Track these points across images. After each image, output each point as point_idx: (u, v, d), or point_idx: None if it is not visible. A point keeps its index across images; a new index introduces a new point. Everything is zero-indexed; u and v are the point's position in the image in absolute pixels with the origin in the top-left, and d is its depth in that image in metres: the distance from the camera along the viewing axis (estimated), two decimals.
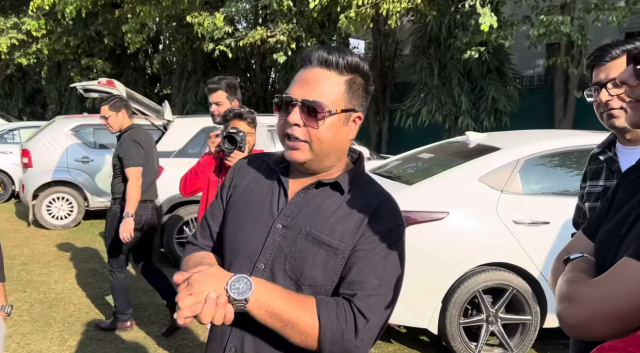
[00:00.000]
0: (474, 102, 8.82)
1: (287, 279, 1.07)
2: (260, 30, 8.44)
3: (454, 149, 4.17)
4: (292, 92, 1.08)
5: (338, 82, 1.07)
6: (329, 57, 1.06)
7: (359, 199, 1.10)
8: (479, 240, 3.32)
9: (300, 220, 1.10)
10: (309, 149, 1.07)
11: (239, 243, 1.14)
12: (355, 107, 1.10)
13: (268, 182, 1.18)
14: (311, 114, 1.05)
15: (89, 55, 12.67)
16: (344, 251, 1.06)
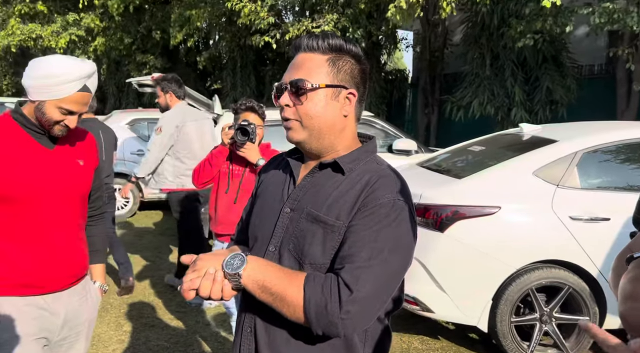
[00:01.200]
0: (528, 93, 8.46)
1: (291, 259, 1.12)
2: (306, 22, 8.43)
3: (507, 142, 4.02)
4: (283, 78, 1.16)
5: (320, 60, 1.13)
6: (309, 41, 1.13)
7: (359, 177, 1.13)
8: (533, 236, 3.19)
9: (304, 202, 1.15)
10: (300, 126, 1.13)
11: (256, 229, 1.23)
12: (344, 83, 1.13)
13: (283, 173, 1.26)
14: (297, 92, 1.11)
15: (144, 52, 13.13)
16: (340, 228, 1.08)
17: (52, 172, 1.69)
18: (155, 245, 6.04)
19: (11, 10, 13.30)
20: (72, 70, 1.62)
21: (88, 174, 1.80)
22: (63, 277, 1.72)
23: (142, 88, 5.97)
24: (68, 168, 1.73)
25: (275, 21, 8.52)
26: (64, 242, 1.72)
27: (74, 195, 1.74)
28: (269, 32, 8.61)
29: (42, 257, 1.67)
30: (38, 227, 1.66)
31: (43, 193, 1.65)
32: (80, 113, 1.68)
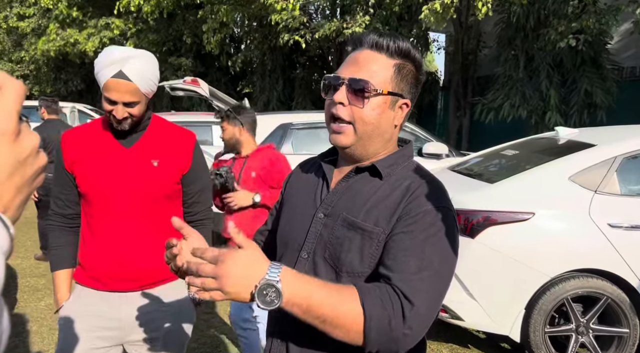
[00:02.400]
0: (564, 96, 8.20)
1: (327, 267, 1.07)
2: (336, 21, 8.42)
3: (541, 146, 3.90)
4: (340, 72, 1.08)
5: (387, 64, 1.06)
6: (379, 40, 1.05)
7: (398, 183, 1.07)
8: (568, 244, 3.08)
9: (339, 208, 1.09)
10: (352, 131, 1.06)
11: (287, 235, 1.17)
12: (404, 92, 1.08)
13: (315, 177, 1.20)
14: (357, 93, 1.04)
15: (178, 56, 13.39)
16: (379, 235, 1.02)
17: (122, 171, 1.69)
18: None
19: (51, 16, 13.80)
20: (102, 56, 1.62)
21: (162, 175, 1.73)
22: (125, 279, 1.71)
23: (175, 91, 6.07)
24: (139, 168, 1.70)
25: (305, 21, 8.53)
26: (132, 243, 1.70)
27: (143, 196, 1.70)
28: (298, 32, 8.62)
29: (107, 255, 1.70)
30: (106, 224, 1.70)
31: (111, 192, 1.68)
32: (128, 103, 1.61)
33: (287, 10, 8.07)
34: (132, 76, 1.61)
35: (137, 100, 1.63)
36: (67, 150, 1.73)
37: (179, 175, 1.79)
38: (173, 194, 1.80)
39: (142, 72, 1.63)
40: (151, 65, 1.68)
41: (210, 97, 5.90)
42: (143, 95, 1.66)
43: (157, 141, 1.76)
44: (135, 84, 1.61)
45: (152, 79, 1.68)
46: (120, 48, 1.66)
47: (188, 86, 5.75)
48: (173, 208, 1.81)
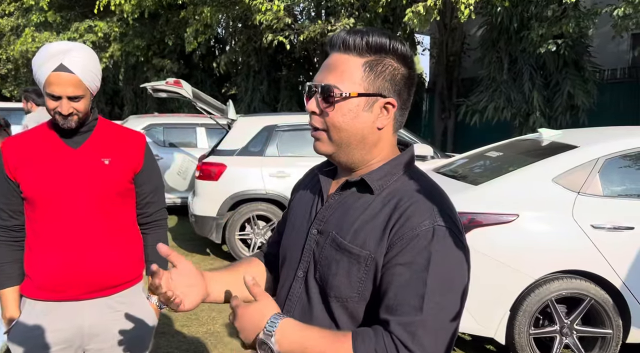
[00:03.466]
0: (548, 99, 8.29)
1: (317, 288, 1.02)
2: (321, 23, 8.39)
3: (525, 147, 3.91)
4: (315, 79, 1.01)
5: (356, 63, 0.97)
6: (346, 38, 0.97)
7: (388, 198, 0.98)
8: (552, 245, 3.08)
9: (330, 225, 1.03)
10: (327, 138, 1.00)
11: (285, 250, 1.13)
12: (382, 91, 0.97)
13: (314, 188, 1.14)
14: (326, 99, 0.97)
15: (162, 57, 13.24)
16: (367, 259, 0.95)
17: (71, 172, 1.64)
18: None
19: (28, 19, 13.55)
20: (40, 53, 1.58)
21: (115, 172, 1.69)
22: (80, 285, 1.64)
23: (157, 93, 5.99)
24: (89, 167, 1.66)
25: (290, 22, 8.49)
26: (85, 247, 1.65)
27: (96, 195, 1.65)
28: (283, 32, 8.59)
29: (61, 261, 1.63)
30: (56, 229, 1.63)
31: (60, 194, 1.62)
32: (72, 97, 1.58)
33: (271, 11, 8.03)
34: (74, 68, 1.57)
35: (81, 94, 1.60)
36: (9, 157, 1.66)
37: (132, 174, 1.76)
38: (126, 193, 1.75)
39: (83, 65, 1.59)
40: (92, 58, 1.64)
41: (194, 98, 5.83)
42: (87, 90, 1.62)
43: (107, 141, 1.73)
44: (77, 76, 1.57)
45: (95, 72, 1.64)
46: (58, 42, 1.62)
47: (170, 88, 5.68)
48: (126, 209, 1.77)
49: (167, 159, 7.63)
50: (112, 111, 16.95)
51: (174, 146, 7.79)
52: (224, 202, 5.38)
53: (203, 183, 5.47)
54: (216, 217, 5.41)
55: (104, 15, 11.76)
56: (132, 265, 1.77)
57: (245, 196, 5.39)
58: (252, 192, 5.38)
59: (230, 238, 5.46)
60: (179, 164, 7.64)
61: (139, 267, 1.82)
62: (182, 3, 10.45)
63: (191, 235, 6.34)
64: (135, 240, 1.81)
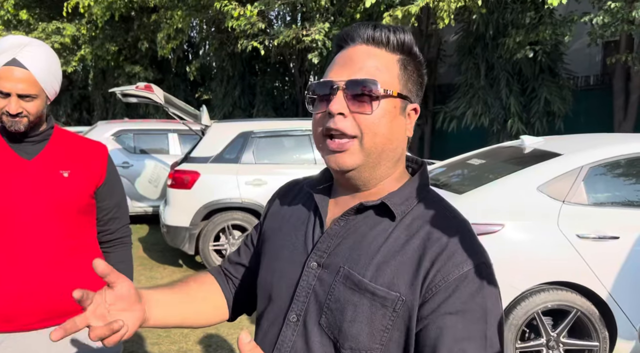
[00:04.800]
0: (525, 105, 8.35)
1: (322, 337, 0.82)
2: (295, 28, 8.28)
3: (508, 155, 3.84)
4: (332, 76, 0.82)
5: (390, 60, 0.82)
6: (376, 33, 0.82)
7: (415, 226, 0.82)
8: (538, 256, 2.99)
9: (338, 257, 0.83)
10: (359, 147, 0.80)
11: (270, 286, 0.91)
12: (411, 95, 0.85)
13: (305, 210, 0.94)
14: (361, 97, 0.79)
15: (133, 62, 12.92)
16: (395, 302, 0.77)
17: (25, 185, 1.46)
18: (140, 260, 5.78)
19: None
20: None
21: (75, 186, 1.54)
22: (37, 312, 1.46)
23: (126, 98, 5.75)
24: (46, 180, 1.49)
25: (264, 27, 8.35)
26: (41, 270, 1.46)
27: (54, 211, 1.49)
28: (257, 38, 8.44)
29: (9, 286, 1.44)
30: (7, 249, 1.44)
31: (10, 210, 1.44)
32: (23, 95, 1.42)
33: (244, 17, 7.87)
34: (28, 64, 1.42)
35: (34, 94, 1.44)
36: None
37: (93, 187, 1.59)
38: (87, 209, 1.58)
39: (40, 62, 1.44)
40: (51, 58, 1.49)
41: (165, 104, 5.61)
42: (42, 90, 1.46)
43: (65, 151, 1.57)
44: (31, 72, 1.42)
45: (53, 73, 1.48)
46: (15, 35, 1.46)
47: (141, 92, 5.45)
48: (87, 227, 1.60)
49: (137, 166, 7.37)
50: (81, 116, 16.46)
51: (145, 153, 7.53)
52: (198, 211, 5.17)
53: (175, 191, 5.24)
54: (189, 227, 5.19)
55: (72, 17, 11.40)
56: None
57: (220, 205, 5.19)
58: (227, 200, 5.19)
59: (204, 249, 5.25)
60: (150, 172, 7.38)
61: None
62: (154, 7, 10.20)
63: (163, 246, 6.10)
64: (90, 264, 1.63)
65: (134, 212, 7.46)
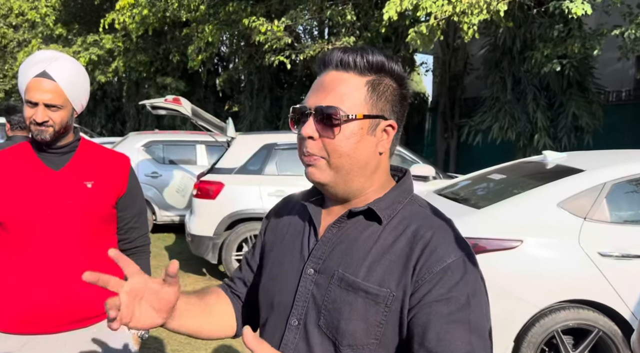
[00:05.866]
0: (552, 119, 8.21)
1: (322, 337, 0.88)
2: (321, 42, 8.39)
3: (529, 170, 3.81)
4: (306, 101, 0.91)
5: (357, 83, 0.89)
6: (344, 57, 0.89)
7: (401, 226, 0.89)
8: (558, 273, 2.95)
9: (332, 262, 0.90)
10: (326, 165, 0.89)
11: (272, 295, 0.97)
12: (384, 113, 0.90)
13: (300, 221, 1.01)
14: (326, 122, 0.87)
15: (164, 74, 13.29)
16: (386, 298, 0.84)
17: (52, 195, 1.55)
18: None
19: (35, 33, 13.67)
20: (28, 59, 1.53)
21: (98, 197, 1.60)
22: (61, 316, 1.54)
23: (156, 110, 5.94)
24: (71, 190, 1.57)
25: (291, 42, 8.49)
26: (64, 275, 1.54)
27: (78, 220, 1.56)
28: (284, 52, 8.59)
29: (36, 291, 1.52)
30: (33, 256, 1.52)
31: (38, 219, 1.52)
32: (49, 105, 1.50)
33: (271, 31, 8.04)
34: (56, 76, 1.50)
35: (60, 104, 1.52)
36: None
37: (115, 198, 1.67)
38: (109, 219, 1.66)
39: (68, 75, 1.53)
40: (79, 72, 1.57)
41: (193, 116, 5.78)
42: (68, 102, 1.54)
43: (90, 163, 1.65)
44: (58, 84, 1.51)
45: (80, 87, 1.57)
46: (47, 51, 1.56)
47: (169, 105, 5.62)
48: (108, 235, 1.67)
49: (166, 176, 7.56)
50: (114, 127, 16.96)
51: (173, 163, 7.72)
52: (221, 221, 5.27)
53: (200, 201, 5.37)
54: (213, 237, 5.30)
55: (108, 31, 11.84)
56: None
57: (242, 215, 5.28)
58: (250, 211, 5.28)
59: (226, 258, 5.34)
60: (178, 182, 7.57)
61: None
62: (185, 21, 10.51)
63: (188, 255, 6.22)
64: (116, 268, 1.69)
65: (161, 221, 7.64)
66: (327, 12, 8.19)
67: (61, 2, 12.72)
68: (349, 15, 7.94)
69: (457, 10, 6.23)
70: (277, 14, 8.99)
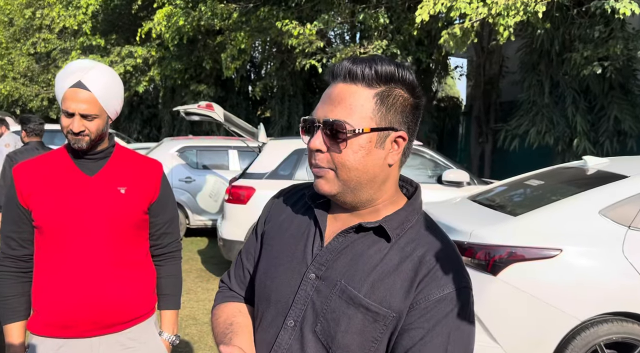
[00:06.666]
0: (592, 123, 7.92)
1: (317, 343, 0.90)
2: (353, 46, 8.35)
3: (569, 176, 3.67)
4: (315, 112, 0.92)
5: (366, 96, 0.88)
6: (352, 68, 0.89)
7: (409, 249, 0.91)
8: (600, 284, 2.82)
9: (336, 272, 0.91)
10: (335, 177, 0.90)
11: (270, 291, 0.98)
12: (394, 124, 0.90)
13: (305, 221, 1.01)
14: (334, 136, 0.88)
15: (198, 81, 13.54)
16: (386, 317, 0.87)
17: (86, 200, 1.57)
18: (197, 274, 5.98)
19: (76, 41, 14.16)
20: (64, 68, 1.56)
21: (131, 202, 1.62)
22: (94, 321, 1.56)
23: (189, 116, 6.04)
24: (105, 196, 1.59)
25: (323, 46, 8.49)
26: (97, 281, 1.56)
27: (111, 226, 1.58)
28: (315, 56, 8.60)
29: (70, 296, 1.55)
30: (68, 261, 1.55)
31: (73, 223, 1.55)
32: (85, 115, 1.53)
33: (303, 35, 8.06)
34: (91, 86, 1.52)
35: (95, 114, 1.54)
36: (22, 183, 1.60)
37: (147, 203, 1.68)
38: (141, 224, 1.67)
39: (102, 84, 1.55)
40: (113, 80, 1.59)
41: (225, 122, 5.84)
42: (103, 110, 1.57)
43: (123, 169, 1.67)
44: (93, 94, 1.53)
45: (114, 95, 1.59)
46: (81, 60, 1.59)
47: (202, 111, 5.70)
48: (140, 240, 1.68)
49: (199, 181, 7.67)
50: (150, 133, 17.37)
51: (206, 168, 7.82)
52: (252, 226, 5.30)
53: (232, 206, 5.41)
54: (244, 241, 5.32)
55: (145, 40, 12.15)
56: (144, 300, 1.68)
57: None
58: None
59: None
60: (211, 186, 7.66)
61: (151, 301, 1.73)
62: (219, 29, 10.68)
63: (220, 259, 6.28)
64: (148, 273, 1.72)
65: (194, 225, 7.75)
66: (359, 15, 8.16)
67: (100, 10, 13.14)
68: (382, 19, 7.88)
69: (492, 12, 6.09)
70: (308, 19, 9.01)
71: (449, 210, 3.72)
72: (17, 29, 16.93)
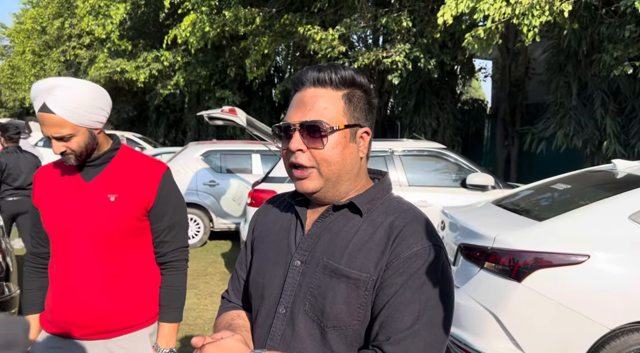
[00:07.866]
0: (623, 125, 7.69)
1: (308, 321, 0.97)
2: (376, 50, 8.33)
3: (597, 180, 3.57)
4: (289, 118, 1.01)
5: (335, 97, 1.01)
6: (320, 75, 1.01)
7: (380, 220, 1.01)
8: (630, 291, 2.73)
9: (317, 253, 1.01)
10: (318, 174, 1.00)
11: (261, 287, 1.07)
12: (360, 121, 1.03)
13: (287, 218, 1.11)
14: (313, 134, 0.98)
15: (222, 87, 13.70)
16: (367, 282, 0.95)
17: (78, 206, 1.59)
18: (220, 276, 6.03)
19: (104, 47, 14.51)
20: (31, 90, 1.51)
21: (119, 210, 1.57)
22: (80, 325, 1.58)
23: (212, 121, 6.11)
24: (94, 203, 1.58)
25: (345, 50, 8.49)
26: (89, 286, 1.57)
27: (98, 234, 1.55)
28: (338, 61, 8.60)
29: (64, 298, 1.60)
30: (64, 264, 1.60)
31: (66, 229, 1.58)
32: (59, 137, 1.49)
33: (326, 40, 8.08)
34: (55, 108, 1.46)
35: (70, 133, 1.49)
36: (37, 185, 1.68)
37: (142, 210, 1.61)
38: (136, 232, 1.62)
39: (68, 102, 1.47)
40: (83, 93, 1.50)
41: (248, 126, 5.89)
42: (77, 127, 1.50)
43: (120, 174, 1.63)
44: (59, 116, 1.47)
45: (86, 107, 1.50)
46: (44, 80, 1.52)
47: (225, 115, 5.77)
48: (138, 248, 1.64)
49: (223, 184, 7.75)
50: (176, 137, 17.65)
51: (230, 172, 7.91)
52: None
53: (254, 210, 5.44)
54: None
55: (170, 46, 12.37)
56: (139, 309, 1.64)
57: None
58: None
59: None
60: (234, 190, 7.74)
61: (148, 311, 1.66)
62: (243, 34, 10.80)
63: None
64: (147, 282, 1.67)
65: (218, 228, 7.83)
66: (382, 19, 8.13)
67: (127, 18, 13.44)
68: (405, 22, 7.83)
69: (516, 12, 5.99)
70: (331, 24, 9.03)
71: (473, 214, 3.66)
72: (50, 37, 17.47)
